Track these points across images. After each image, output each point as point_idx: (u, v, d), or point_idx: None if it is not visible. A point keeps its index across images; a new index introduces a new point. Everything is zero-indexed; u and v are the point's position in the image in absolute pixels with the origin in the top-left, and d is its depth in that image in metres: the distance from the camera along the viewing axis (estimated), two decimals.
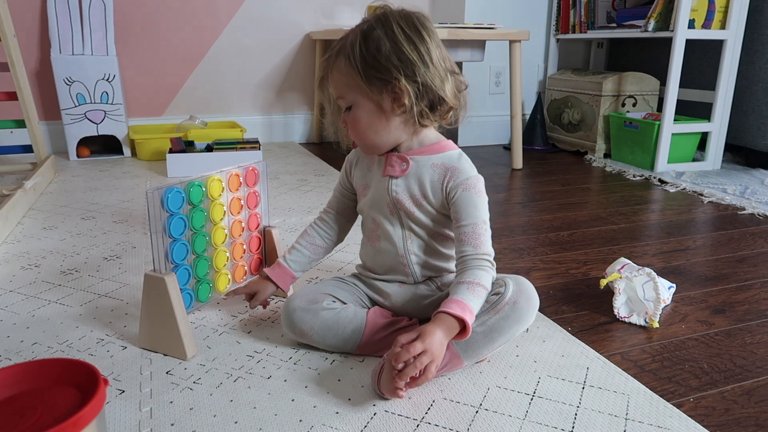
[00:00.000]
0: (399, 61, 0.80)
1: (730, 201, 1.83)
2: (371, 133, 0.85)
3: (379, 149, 0.88)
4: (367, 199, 0.93)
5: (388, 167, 0.89)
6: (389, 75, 0.80)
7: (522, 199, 1.90)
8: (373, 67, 0.81)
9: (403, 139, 0.87)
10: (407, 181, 0.88)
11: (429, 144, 0.88)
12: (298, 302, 0.90)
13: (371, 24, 0.83)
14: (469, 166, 0.87)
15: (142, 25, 2.48)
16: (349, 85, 0.84)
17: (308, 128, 2.87)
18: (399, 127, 0.85)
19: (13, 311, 1.04)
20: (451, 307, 0.76)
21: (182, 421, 0.74)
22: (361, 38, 0.82)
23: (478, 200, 0.85)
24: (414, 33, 0.81)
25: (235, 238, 1.02)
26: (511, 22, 2.65)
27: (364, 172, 0.94)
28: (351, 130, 0.87)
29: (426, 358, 0.72)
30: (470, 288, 0.79)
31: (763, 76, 2.22)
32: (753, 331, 1.01)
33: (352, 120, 0.85)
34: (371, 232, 0.94)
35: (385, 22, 0.82)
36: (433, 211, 0.88)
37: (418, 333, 0.74)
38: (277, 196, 1.83)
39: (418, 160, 0.88)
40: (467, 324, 0.76)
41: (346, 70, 0.83)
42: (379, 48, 0.80)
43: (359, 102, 0.84)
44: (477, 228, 0.84)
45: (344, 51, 0.83)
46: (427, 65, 0.81)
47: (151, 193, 0.84)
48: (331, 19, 2.76)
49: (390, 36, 0.81)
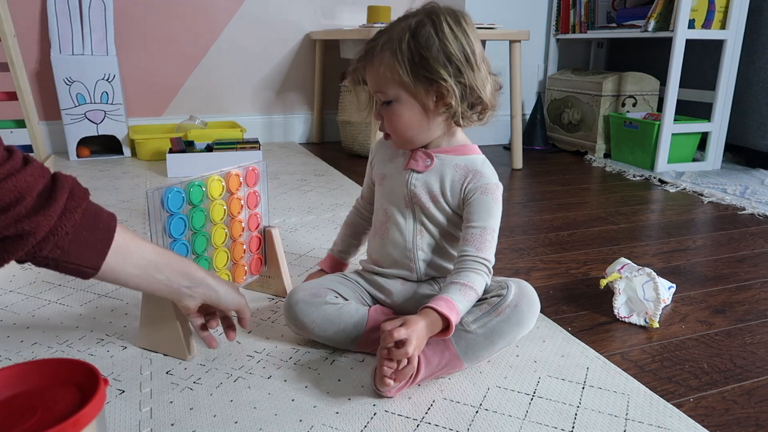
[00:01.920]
0: (448, 61, 0.79)
1: (730, 201, 1.83)
2: (410, 130, 0.85)
3: (414, 145, 0.88)
4: (383, 188, 0.93)
5: (412, 161, 0.89)
6: (437, 75, 0.79)
7: (522, 199, 1.90)
8: (422, 65, 0.80)
9: (437, 135, 0.88)
10: (428, 177, 0.88)
11: (456, 145, 0.89)
12: (300, 295, 0.90)
13: (421, 20, 0.81)
14: (491, 173, 0.88)
15: (142, 25, 2.48)
16: (392, 80, 0.82)
17: (308, 128, 2.87)
18: (439, 126, 0.86)
19: (13, 311, 1.04)
20: (439, 305, 0.76)
21: (182, 421, 0.74)
22: (410, 34, 0.80)
23: (494, 207, 0.86)
24: (462, 34, 0.80)
25: (235, 238, 1.02)
26: (511, 22, 2.65)
27: (384, 161, 0.94)
28: (388, 124, 0.86)
29: (411, 345, 0.72)
30: (462, 289, 0.79)
31: (763, 76, 2.22)
32: (753, 331, 1.01)
33: (392, 115, 0.84)
34: (381, 224, 0.94)
35: (435, 20, 0.80)
36: (449, 210, 0.89)
37: (402, 321, 0.74)
38: (277, 196, 1.83)
39: (443, 158, 0.88)
40: (451, 323, 0.76)
41: (391, 64, 0.81)
42: (429, 46, 0.79)
43: (402, 98, 0.82)
44: (485, 233, 0.84)
45: (390, 45, 0.81)
46: (472, 67, 0.81)
47: (152, 193, 0.84)
48: (331, 19, 2.76)
49: (440, 35, 0.79)
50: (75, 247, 0.66)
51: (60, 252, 0.64)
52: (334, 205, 1.73)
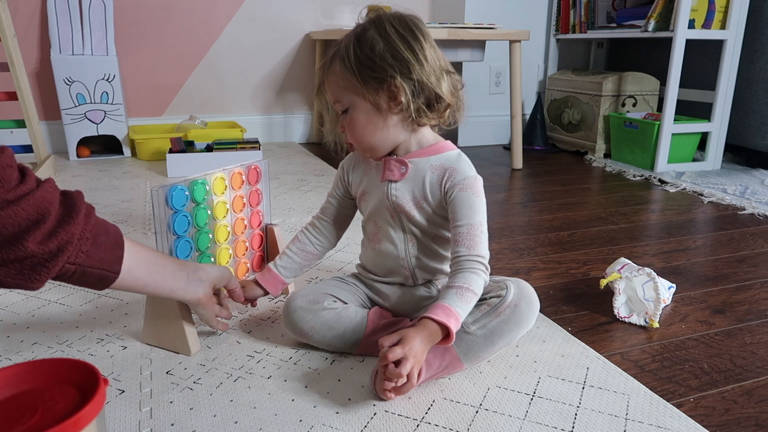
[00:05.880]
0: (393, 59, 0.80)
1: (730, 201, 1.83)
2: (368, 134, 0.84)
3: (378, 151, 0.87)
4: (368, 204, 0.92)
5: (387, 172, 0.88)
6: (384, 73, 0.80)
7: (522, 199, 1.90)
8: (368, 66, 0.81)
9: (401, 139, 0.86)
10: (407, 185, 0.87)
11: (427, 145, 0.87)
12: (299, 302, 0.90)
13: (364, 26, 0.83)
14: (467, 167, 0.86)
15: (142, 25, 2.48)
16: (344, 87, 0.83)
17: (308, 128, 2.87)
18: (397, 127, 0.85)
19: (13, 311, 1.04)
20: (437, 314, 0.75)
21: (182, 421, 0.74)
22: (355, 40, 0.82)
23: (476, 201, 0.84)
24: (407, 33, 0.81)
25: (238, 236, 1.02)
26: (511, 22, 2.65)
27: (361, 177, 0.93)
28: (349, 133, 0.86)
29: (408, 364, 0.72)
30: (459, 293, 0.78)
31: (763, 76, 2.22)
32: (753, 331, 1.01)
33: (350, 122, 0.85)
34: (372, 235, 0.93)
35: (378, 24, 0.82)
36: (432, 213, 0.87)
37: (399, 337, 0.74)
38: (277, 196, 1.83)
39: (417, 162, 0.87)
40: (451, 332, 0.75)
41: (341, 72, 0.83)
42: (373, 48, 0.80)
43: (356, 103, 0.83)
44: (472, 229, 0.83)
45: (339, 54, 0.83)
46: (421, 63, 0.81)
47: (156, 190, 0.85)
48: (331, 19, 2.76)
49: (383, 36, 0.81)
50: (95, 251, 0.69)
51: (84, 257, 0.67)
52: None
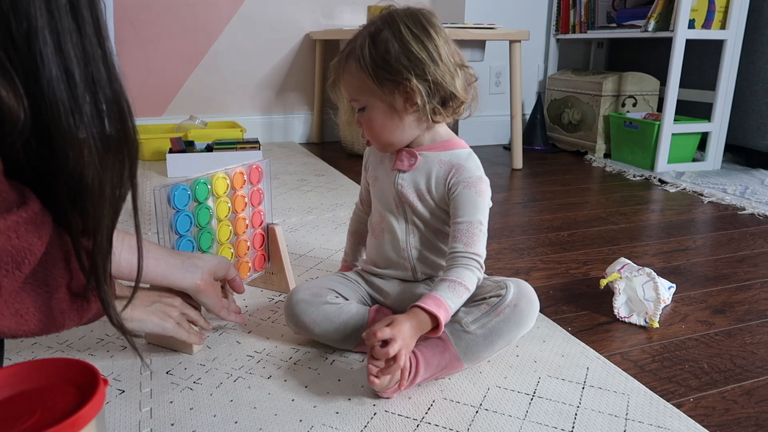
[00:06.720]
0: (408, 61, 0.80)
1: (730, 201, 1.83)
2: (385, 133, 0.86)
3: (394, 147, 0.89)
4: (375, 191, 0.95)
5: (398, 161, 0.90)
6: (400, 76, 0.81)
7: (522, 199, 1.90)
8: (384, 68, 0.81)
9: (416, 135, 0.88)
10: (414, 176, 0.89)
11: (440, 141, 0.89)
12: (301, 295, 0.90)
13: (378, 26, 0.83)
14: (475, 166, 0.88)
15: (142, 25, 2.48)
16: (361, 88, 0.84)
17: (308, 128, 2.87)
18: (412, 125, 0.86)
19: None
20: (427, 303, 0.77)
21: (182, 421, 0.74)
22: (370, 41, 0.82)
23: (478, 200, 0.85)
24: (421, 31, 0.82)
25: (240, 235, 1.02)
26: (511, 22, 2.65)
27: (375, 164, 0.96)
28: (366, 130, 0.88)
29: (396, 344, 0.73)
30: (451, 286, 0.80)
31: (763, 76, 2.22)
32: (753, 331, 1.01)
33: (366, 121, 0.86)
34: (376, 225, 0.95)
35: (392, 23, 0.82)
36: (436, 206, 0.89)
37: (390, 320, 0.75)
38: (277, 196, 1.83)
39: (427, 155, 0.88)
40: (440, 321, 0.76)
41: (357, 73, 0.83)
42: (388, 49, 0.81)
43: (372, 103, 0.85)
44: (472, 227, 0.84)
45: (354, 54, 0.84)
46: (436, 62, 0.81)
47: (158, 190, 0.85)
48: (331, 19, 2.76)
49: (398, 36, 0.81)
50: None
51: None
52: (334, 205, 1.73)
